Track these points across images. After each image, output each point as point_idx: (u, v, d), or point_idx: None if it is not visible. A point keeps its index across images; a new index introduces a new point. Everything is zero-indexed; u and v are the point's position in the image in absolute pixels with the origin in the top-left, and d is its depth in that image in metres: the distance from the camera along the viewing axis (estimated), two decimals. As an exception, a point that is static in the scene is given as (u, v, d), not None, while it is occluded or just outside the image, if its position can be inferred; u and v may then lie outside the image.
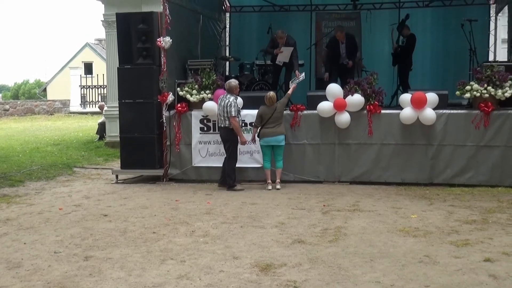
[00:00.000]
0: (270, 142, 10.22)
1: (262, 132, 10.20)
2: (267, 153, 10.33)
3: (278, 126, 10.21)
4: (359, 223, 7.55)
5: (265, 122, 10.16)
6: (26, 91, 65.36)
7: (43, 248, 6.61)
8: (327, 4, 14.95)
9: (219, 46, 14.32)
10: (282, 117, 10.33)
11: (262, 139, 10.23)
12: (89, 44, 50.76)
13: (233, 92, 10.24)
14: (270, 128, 10.17)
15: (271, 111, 10.17)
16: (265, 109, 10.23)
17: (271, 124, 10.17)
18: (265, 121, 10.16)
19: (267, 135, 10.19)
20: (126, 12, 12.02)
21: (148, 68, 11.11)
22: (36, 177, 11.82)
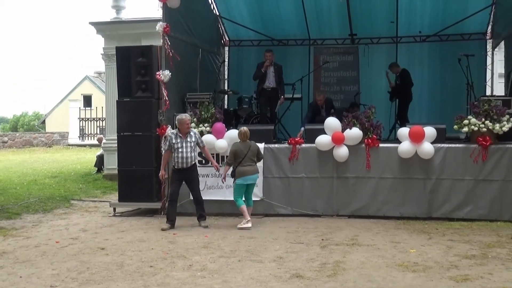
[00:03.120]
0: (248, 180, 9.86)
1: (241, 170, 9.74)
2: (242, 191, 9.90)
3: (254, 163, 9.93)
4: (358, 257, 7.50)
5: (241, 159, 9.76)
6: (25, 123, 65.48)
7: (39, 282, 6.55)
8: (325, 38, 15.10)
9: (218, 79, 14.42)
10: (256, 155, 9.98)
11: (241, 177, 9.76)
12: (88, 77, 51.07)
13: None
14: (249, 166, 9.81)
15: (246, 148, 9.84)
16: (240, 146, 9.90)
17: (248, 162, 9.80)
18: (241, 158, 9.77)
19: (246, 174, 9.78)
20: (125, 46, 12.18)
21: (147, 101, 11.17)
22: (34, 209, 11.77)
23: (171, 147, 9.87)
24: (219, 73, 14.55)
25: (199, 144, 10.05)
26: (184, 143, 9.79)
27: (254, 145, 10.01)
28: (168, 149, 9.92)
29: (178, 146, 9.79)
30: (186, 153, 9.78)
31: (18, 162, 22.29)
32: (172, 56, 11.05)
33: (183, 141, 9.80)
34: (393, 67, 13.48)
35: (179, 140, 9.81)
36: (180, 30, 11.81)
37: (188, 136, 9.84)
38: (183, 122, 9.85)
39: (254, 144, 10.03)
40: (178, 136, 9.85)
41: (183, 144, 9.79)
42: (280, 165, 10.80)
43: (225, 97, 14.72)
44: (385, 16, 14.15)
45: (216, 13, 14.55)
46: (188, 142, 9.82)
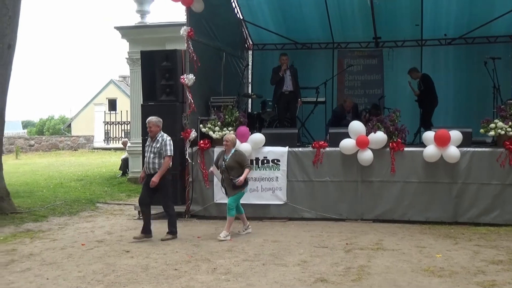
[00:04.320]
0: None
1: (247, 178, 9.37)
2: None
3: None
4: (383, 262, 7.45)
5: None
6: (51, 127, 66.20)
7: (65, 284, 6.62)
8: (349, 41, 15.05)
9: (241, 83, 14.46)
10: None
11: (247, 186, 9.49)
12: (113, 81, 51.60)
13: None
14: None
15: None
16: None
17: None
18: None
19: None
20: (150, 50, 12.25)
21: (171, 105, 11.24)
22: (60, 212, 11.90)
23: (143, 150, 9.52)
24: (242, 76, 14.59)
25: (162, 153, 9.07)
26: (148, 148, 9.19)
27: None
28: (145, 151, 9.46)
29: (145, 150, 9.39)
30: (148, 158, 9.11)
31: (45, 165, 22.58)
32: (196, 60, 11.11)
33: (149, 146, 9.19)
34: (412, 73, 13.41)
35: (147, 144, 9.32)
36: (204, 34, 11.86)
37: (154, 141, 9.13)
38: (147, 124, 9.27)
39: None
40: (149, 140, 9.31)
41: (148, 148, 9.18)
42: (304, 169, 10.77)
43: (249, 100, 14.76)
44: (409, 19, 14.05)
45: (240, 17, 14.59)
46: (152, 147, 9.10)
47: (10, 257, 8.05)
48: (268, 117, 13.06)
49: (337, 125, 12.24)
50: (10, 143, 31.56)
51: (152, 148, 9.08)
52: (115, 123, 35.95)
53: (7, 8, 11.71)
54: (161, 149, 9.03)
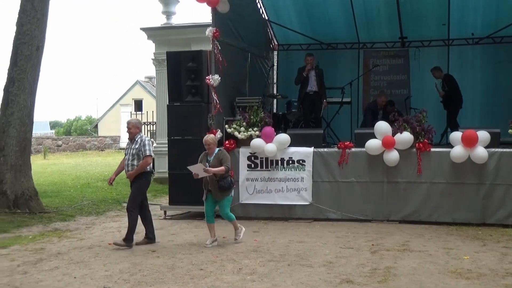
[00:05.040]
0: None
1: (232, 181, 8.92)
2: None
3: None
4: (409, 263, 7.39)
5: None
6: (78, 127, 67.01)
7: (92, 283, 6.69)
8: (375, 41, 14.96)
9: (267, 83, 14.46)
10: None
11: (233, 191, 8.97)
12: (139, 81, 52.03)
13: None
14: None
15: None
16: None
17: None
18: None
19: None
20: (176, 51, 12.32)
21: (197, 106, 11.28)
22: (87, 212, 12.04)
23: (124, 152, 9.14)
24: (268, 77, 14.59)
25: (141, 154, 8.77)
26: (128, 150, 8.93)
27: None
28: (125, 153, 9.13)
29: (125, 152, 9.04)
30: (127, 160, 8.82)
31: (72, 166, 22.85)
32: (221, 60, 11.15)
33: (129, 148, 8.93)
34: (435, 71, 13.30)
35: (127, 146, 9.02)
36: (229, 35, 11.89)
37: (133, 143, 8.85)
38: (126, 125, 9.05)
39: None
40: (128, 142, 9.06)
41: (128, 150, 8.92)
42: (330, 169, 10.74)
43: (274, 101, 14.76)
44: (436, 18, 13.92)
45: (265, 18, 14.60)
46: (131, 148, 8.84)
47: (39, 255, 8.16)
48: (293, 118, 13.05)
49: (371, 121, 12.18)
50: (38, 144, 32.03)
51: (131, 150, 8.82)
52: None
53: (36, 10, 11.90)
54: (139, 150, 8.75)
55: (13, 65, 11.87)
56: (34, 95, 12.13)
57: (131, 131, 8.89)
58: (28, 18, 11.88)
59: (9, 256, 8.19)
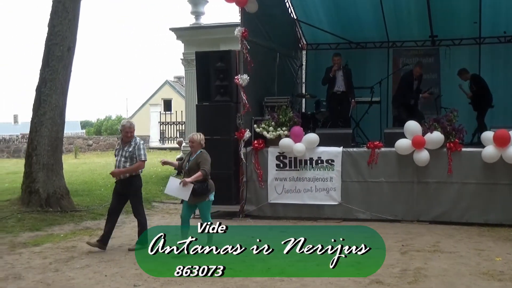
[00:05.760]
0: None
1: (212, 184, 8.37)
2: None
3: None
4: (440, 264, 7.31)
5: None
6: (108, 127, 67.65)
7: (123, 281, 6.76)
8: (405, 40, 14.82)
9: (295, 83, 14.44)
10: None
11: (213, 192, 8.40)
12: (168, 81, 52.39)
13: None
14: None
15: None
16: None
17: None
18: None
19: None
20: (205, 51, 12.38)
21: (226, 105, 11.32)
22: (117, 211, 12.12)
23: (114, 154, 8.88)
24: (296, 76, 14.57)
25: (134, 157, 8.56)
26: (121, 152, 8.61)
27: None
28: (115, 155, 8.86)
29: (116, 154, 8.75)
30: (119, 162, 8.57)
31: (102, 165, 23.08)
32: (250, 60, 11.16)
33: (120, 150, 8.64)
34: (462, 74, 13.13)
35: (118, 148, 8.73)
36: (258, 35, 11.90)
37: (127, 145, 8.59)
38: (122, 129, 8.69)
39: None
40: (120, 144, 8.77)
41: (119, 152, 8.63)
42: (359, 169, 10.68)
43: (303, 100, 14.72)
44: (467, 16, 13.72)
45: (294, 17, 14.58)
46: (124, 151, 8.57)
47: (70, 253, 8.28)
48: (322, 117, 13.01)
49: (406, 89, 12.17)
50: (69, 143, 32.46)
51: (124, 152, 8.54)
52: (170, 123, 36.49)
53: (67, 11, 12.06)
54: (133, 153, 8.52)
55: (45, 65, 12.05)
56: (65, 95, 12.30)
57: (130, 136, 8.60)
58: (59, 19, 12.05)
59: (41, 254, 8.33)
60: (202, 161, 8.16)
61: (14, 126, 60.53)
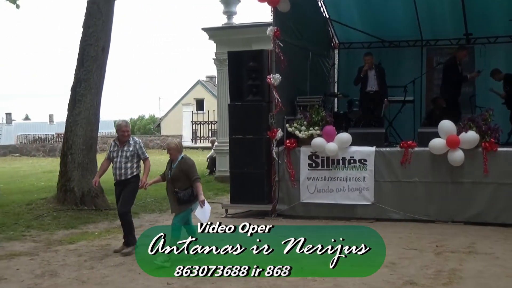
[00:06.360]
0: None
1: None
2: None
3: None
4: (475, 266, 7.20)
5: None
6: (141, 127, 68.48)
7: (156, 279, 6.81)
8: (439, 39, 14.62)
9: (328, 82, 14.38)
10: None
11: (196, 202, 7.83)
12: (200, 81, 52.70)
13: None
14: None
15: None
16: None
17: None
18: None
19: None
20: (237, 51, 12.41)
21: (258, 105, 11.34)
22: (150, 209, 12.27)
23: (109, 156, 8.57)
24: (329, 76, 14.51)
25: (140, 156, 8.53)
26: (120, 153, 8.42)
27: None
28: (107, 157, 8.59)
29: (114, 156, 8.47)
30: (119, 163, 8.38)
31: (135, 164, 23.29)
32: (282, 59, 11.15)
33: (119, 150, 8.44)
34: (495, 75, 12.91)
35: (116, 149, 8.49)
36: (290, 34, 11.88)
37: (126, 145, 8.42)
38: (118, 129, 8.55)
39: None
40: (116, 144, 8.53)
41: (118, 153, 8.42)
42: (392, 169, 10.58)
43: (335, 100, 14.65)
44: (503, 14, 13.42)
45: (326, 16, 14.51)
46: (124, 151, 8.41)
47: (104, 251, 8.39)
48: (355, 117, 12.93)
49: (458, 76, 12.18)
50: (103, 142, 32.85)
51: (124, 153, 8.37)
52: (202, 123, 36.69)
53: (101, 12, 12.23)
54: (134, 152, 8.40)
55: (80, 66, 12.24)
56: (100, 95, 12.47)
57: (126, 135, 8.44)
58: (94, 20, 12.22)
59: (76, 251, 8.46)
60: (188, 170, 7.73)
61: (49, 125, 61.59)
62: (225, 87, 15.21)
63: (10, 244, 9.07)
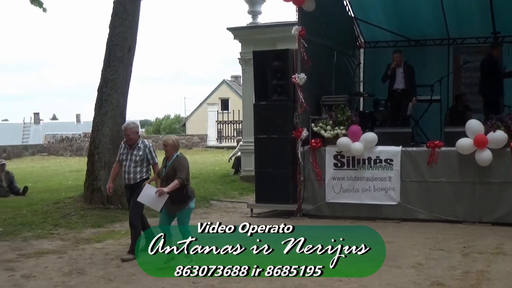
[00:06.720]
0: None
1: (192, 189, 7.65)
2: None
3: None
4: (504, 267, 7.10)
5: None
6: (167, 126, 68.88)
7: (182, 278, 6.84)
8: (466, 37, 14.44)
9: (353, 82, 14.31)
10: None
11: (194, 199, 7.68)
12: (225, 81, 52.83)
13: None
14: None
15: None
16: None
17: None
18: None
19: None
20: (262, 50, 12.40)
21: (283, 104, 11.33)
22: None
23: (119, 158, 8.29)
24: (354, 75, 14.44)
25: (149, 161, 8.17)
26: (129, 156, 8.12)
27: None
28: (118, 159, 8.34)
29: (123, 158, 8.19)
30: (128, 167, 8.09)
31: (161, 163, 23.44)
32: (307, 59, 11.12)
33: (128, 154, 8.14)
34: None
35: (125, 152, 8.20)
36: (315, 33, 11.84)
37: (135, 149, 8.11)
38: (123, 131, 8.25)
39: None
40: (126, 147, 8.23)
41: (128, 156, 8.13)
42: (418, 169, 10.48)
43: (361, 99, 14.57)
44: (532, 12, 13.27)
45: (351, 15, 14.43)
46: (133, 155, 8.09)
47: (131, 250, 8.44)
48: (380, 116, 12.84)
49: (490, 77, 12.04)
50: (129, 142, 33.17)
51: (133, 157, 8.06)
52: (227, 123, 36.77)
53: (127, 12, 12.33)
54: (144, 157, 8.09)
55: (106, 66, 12.36)
56: (126, 95, 12.58)
57: (131, 138, 8.10)
58: (120, 20, 12.33)
59: (103, 250, 8.55)
60: (178, 167, 7.39)
61: (76, 125, 62.32)
62: (250, 86, 15.23)
63: (39, 242, 9.21)
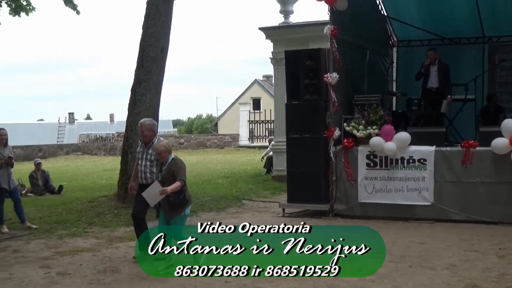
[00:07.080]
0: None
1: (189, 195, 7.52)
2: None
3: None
4: (541, 269, 6.98)
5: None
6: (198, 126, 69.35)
7: (214, 277, 6.87)
8: (501, 35, 14.19)
9: (386, 81, 14.18)
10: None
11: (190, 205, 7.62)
12: (257, 80, 52.91)
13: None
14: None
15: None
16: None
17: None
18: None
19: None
20: (294, 50, 12.35)
21: (315, 104, 11.29)
22: (208, 208, 12.39)
23: (137, 156, 8.13)
24: (387, 74, 14.31)
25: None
26: (144, 155, 7.95)
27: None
28: (137, 157, 8.15)
29: (139, 157, 8.03)
30: (144, 166, 7.91)
31: (193, 163, 23.62)
32: (339, 58, 11.07)
33: (144, 152, 7.97)
34: None
35: (141, 150, 8.03)
36: (347, 32, 11.77)
37: (151, 148, 7.85)
38: (140, 128, 8.13)
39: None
40: (142, 145, 8.06)
41: (143, 155, 7.96)
42: (453, 169, 10.35)
43: (394, 98, 14.43)
44: None
45: (384, 14, 14.31)
46: (148, 154, 7.89)
47: (164, 249, 8.51)
48: (414, 116, 12.71)
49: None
50: (162, 141, 33.45)
51: (148, 155, 7.87)
52: (259, 122, 36.83)
53: (160, 13, 12.44)
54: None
55: (139, 66, 12.48)
56: (159, 95, 12.68)
57: (146, 135, 7.92)
58: (153, 21, 12.44)
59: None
60: (176, 170, 7.27)
61: (110, 125, 63.07)
62: (282, 86, 15.20)
63: (73, 240, 9.36)
